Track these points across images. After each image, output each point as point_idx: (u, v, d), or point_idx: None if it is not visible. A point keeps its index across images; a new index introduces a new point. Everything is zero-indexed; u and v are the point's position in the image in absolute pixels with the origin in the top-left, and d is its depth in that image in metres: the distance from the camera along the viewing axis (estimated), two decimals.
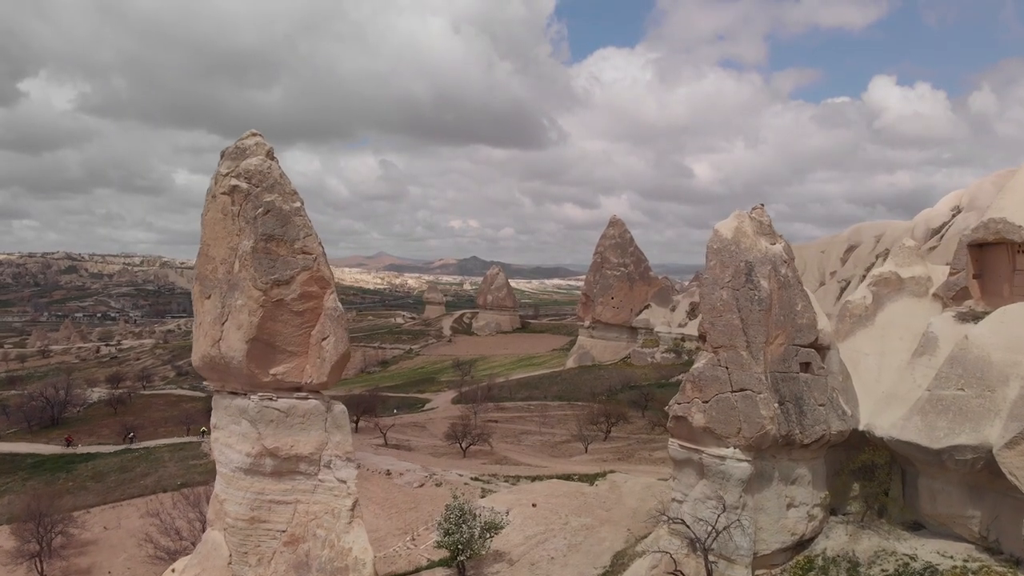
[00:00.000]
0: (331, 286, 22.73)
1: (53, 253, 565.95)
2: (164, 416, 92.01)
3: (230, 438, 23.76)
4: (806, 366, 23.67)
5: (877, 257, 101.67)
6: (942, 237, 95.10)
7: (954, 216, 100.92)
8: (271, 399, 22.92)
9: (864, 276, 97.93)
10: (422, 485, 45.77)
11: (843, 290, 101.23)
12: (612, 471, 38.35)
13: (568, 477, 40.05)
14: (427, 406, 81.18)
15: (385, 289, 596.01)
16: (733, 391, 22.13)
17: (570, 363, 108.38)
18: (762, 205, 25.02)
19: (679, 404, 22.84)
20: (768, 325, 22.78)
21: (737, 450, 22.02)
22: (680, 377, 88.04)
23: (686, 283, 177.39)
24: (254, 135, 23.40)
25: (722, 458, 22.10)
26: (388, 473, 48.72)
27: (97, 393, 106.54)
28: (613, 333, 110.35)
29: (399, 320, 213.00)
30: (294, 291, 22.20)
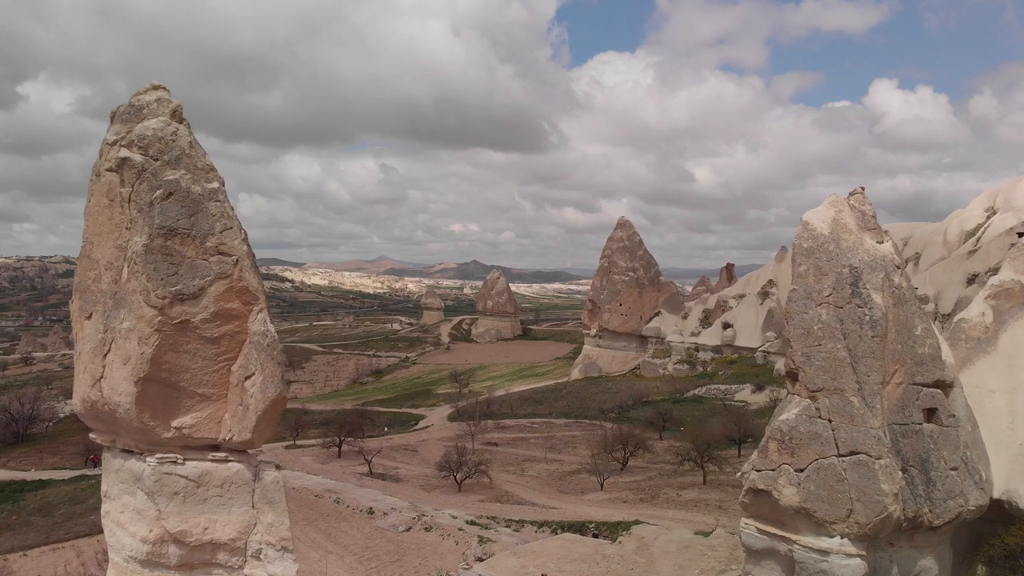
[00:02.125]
0: (259, 301, 15.91)
1: (51, 257, 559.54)
2: None
3: (122, 514, 16.89)
4: (930, 414, 16.92)
5: (907, 262, 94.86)
6: (978, 239, 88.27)
7: (989, 217, 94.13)
8: (175, 462, 16.06)
9: None
10: (409, 529, 38.93)
11: None
12: (637, 521, 31.50)
13: (583, 526, 33.23)
14: (421, 423, 74.32)
15: (385, 293, 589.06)
16: (840, 455, 15.34)
17: (575, 374, 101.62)
18: (862, 189, 18.25)
19: (759, 472, 16.00)
20: (884, 358, 15.97)
21: (846, 540, 15.22)
22: (698, 392, 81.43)
23: (689, 288, 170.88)
24: (156, 88, 16.62)
25: (824, 552, 15.28)
26: (371, 512, 41.93)
27: (70, 406, 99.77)
28: (621, 342, 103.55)
29: (396, 326, 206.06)
30: (205, 309, 15.39)
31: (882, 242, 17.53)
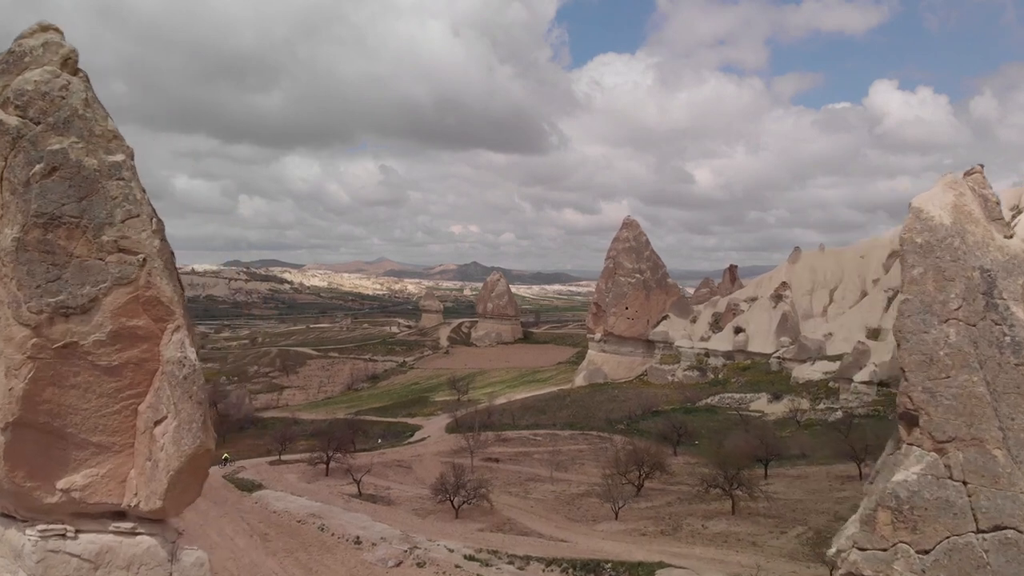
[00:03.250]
0: (175, 316, 11.66)
1: None
2: None
3: None
4: None
5: None
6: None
7: (1015, 216, 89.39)
8: (64, 535, 11.83)
9: None
10: (399, 564, 34.65)
11: (891, 300, 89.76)
12: (661, 564, 27.23)
13: (598, 566, 28.95)
14: (417, 435, 70.08)
15: (385, 295, 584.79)
16: (980, 531, 11.07)
17: (579, 380, 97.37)
18: (981, 167, 13.95)
19: (863, 552, 11.70)
20: None
21: None
22: (711, 401, 77.09)
23: (690, 291, 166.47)
24: (45, 29, 12.38)
25: None
26: (358, 541, 37.65)
27: None
28: (627, 347, 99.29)
29: (393, 329, 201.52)
30: (100, 328, 11.17)
31: (1011, 236, 13.23)
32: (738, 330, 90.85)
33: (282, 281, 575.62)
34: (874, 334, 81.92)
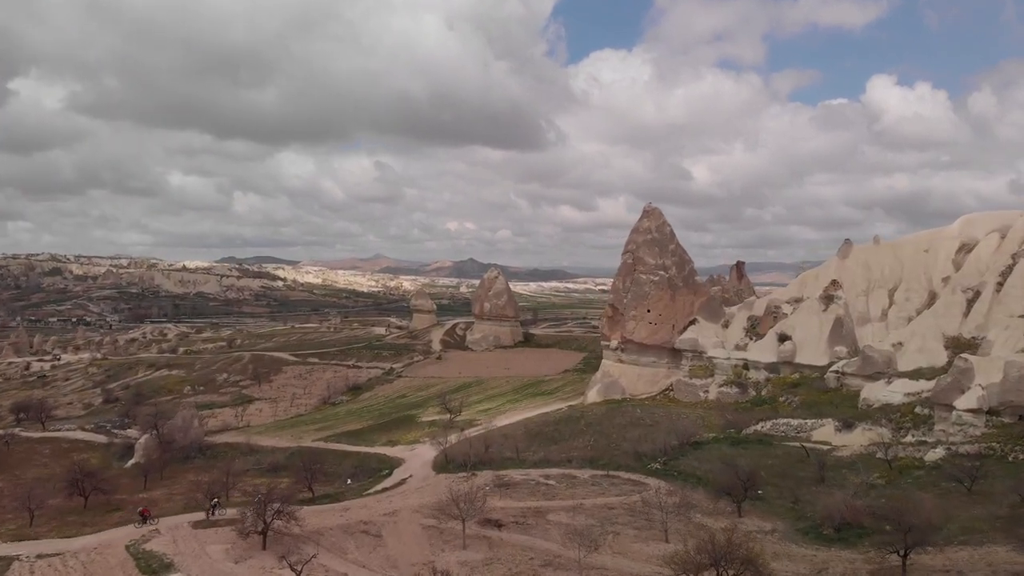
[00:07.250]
0: None
1: (37, 255, 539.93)
2: (37, 475, 66.45)
3: None
4: None
5: (1014, 258, 75.90)
6: None
7: None
8: None
9: (1000, 284, 71.67)
10: None
11: (970, 303, 74.99)
12: None
13: None
14: (396, 473, 55.48)
15: (380, 292, 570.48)
16: None
17: (593, 395, 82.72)
18: None
19: None
20: None
21: None
22: (762, 428, 61.89)
23: None
24: None
25: None
26: None
27: None
28: (649, 357, 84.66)
29: (381, 330, 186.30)
30: None
31: None
32: (783, 337, 76.43)
33: (275, 278, 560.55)
34: (955, 343, 67.41)
